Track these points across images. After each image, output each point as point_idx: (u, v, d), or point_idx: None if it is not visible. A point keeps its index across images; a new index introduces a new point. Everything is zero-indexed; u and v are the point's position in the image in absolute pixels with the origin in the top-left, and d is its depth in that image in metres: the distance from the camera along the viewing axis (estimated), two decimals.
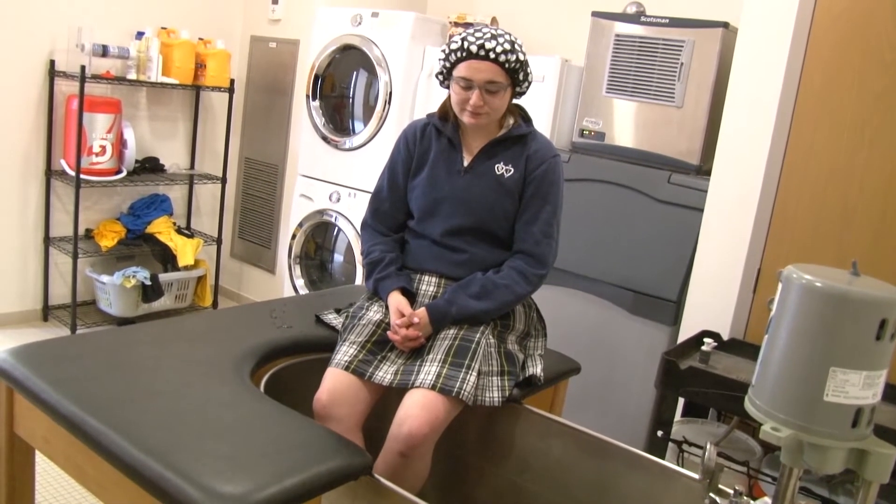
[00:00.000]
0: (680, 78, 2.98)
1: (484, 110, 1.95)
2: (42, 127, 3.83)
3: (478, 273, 2.01)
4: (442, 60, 1.99)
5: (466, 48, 1.91)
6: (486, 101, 1.93)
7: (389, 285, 2.02)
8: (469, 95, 1.94)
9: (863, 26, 2.47)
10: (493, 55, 1.90)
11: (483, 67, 1.91)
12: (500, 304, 1.98)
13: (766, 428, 1.25)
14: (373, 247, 2.12)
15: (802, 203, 2.61)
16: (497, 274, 2.00)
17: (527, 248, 2.02)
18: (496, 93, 1.94)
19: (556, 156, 2.06)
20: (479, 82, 1.92)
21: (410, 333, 1.93)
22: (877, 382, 1.22)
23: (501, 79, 1.93)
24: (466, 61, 1.92)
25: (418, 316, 1.94)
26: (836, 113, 2.53)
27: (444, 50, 1.98)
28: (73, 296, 3.88)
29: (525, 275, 2.00)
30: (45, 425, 1.63)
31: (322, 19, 3.96)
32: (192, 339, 1.97)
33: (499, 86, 1.94)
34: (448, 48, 1.96)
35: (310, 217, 4.05)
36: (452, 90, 1.98)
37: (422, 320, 1.94)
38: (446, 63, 1.98)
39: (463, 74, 1.93)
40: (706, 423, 2.62)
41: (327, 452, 1.48)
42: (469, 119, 1.98)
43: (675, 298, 2.82)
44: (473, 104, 1.93)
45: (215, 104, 4.51)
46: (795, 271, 1.26)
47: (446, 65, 1.98)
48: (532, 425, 2.02)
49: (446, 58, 1.97)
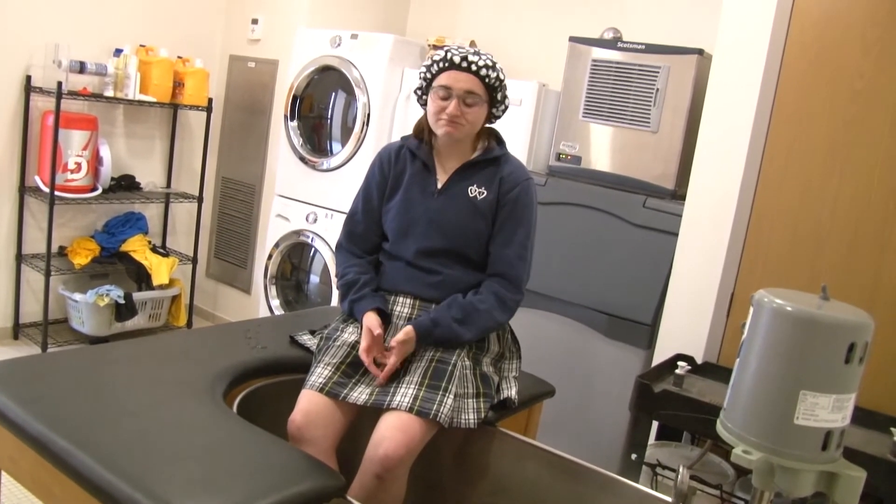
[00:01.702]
0: (655, 103, 3.02)
1: (460, 121, 1.97)
2: (17, 142, 3.80)
3: (458, 295, 2.01)
4: (423, 73, 2.03)
5: (449, 59, 1.96)
6: (462, 112, 1.96)
7: (365, 306, 2.02)
8: (445, 105, 1.97)
9: (833, 55, 2.52)
10: (475, 67, 1.95)
11: (463, 77, 1.95)
12: (479, 331, 1.99)
13: (737, 451, 1.26)
14: (347, 268, 2.12)
15: (776, 228, 2.64)
16: (476, 297, 2.00)
17: (503, 271, 2.03)
18: (473, 105, 1.97)
19: (529, 178, 2.08)
20: (458, 91, 1.95)
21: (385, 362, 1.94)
22: (846, 406, 1.23)
23: (480, 91, 1.97)
24: (448, 71, 1.97)
25: (405, 332, 1.93)
26: (808, 139, 2.58)
27: (426, 63, 2.02)
28: (44, 314, 3.83)
29: (504, 301, 2.01)
30: (11, 445, 1.60)
31: (301, 40, 3.97)
32: (165, 358, 1.95)
33: (476, 98, 1.96)
34: (430, 60, 2.00)
35: (286, 237, 4.04)
36: (430, 100, 2.01)
37: (408, 336, 1.92)
38: (427, 74, 2.01)
39: (443, 83, 1.96)
40: (680, 447, 2.63)
41: (300, 474, 1.47)
42: (444, 129, 1.99)
43: (650, 322, 2.84)
44: (450, 112, 1.96)
45: (193, 123, 4.49)
46: (766, 295, 1.28)
47: (427, 75, 2.02)
48: (506, 448, 2.02)
49: (428, 69, 2.01)
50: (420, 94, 2.07)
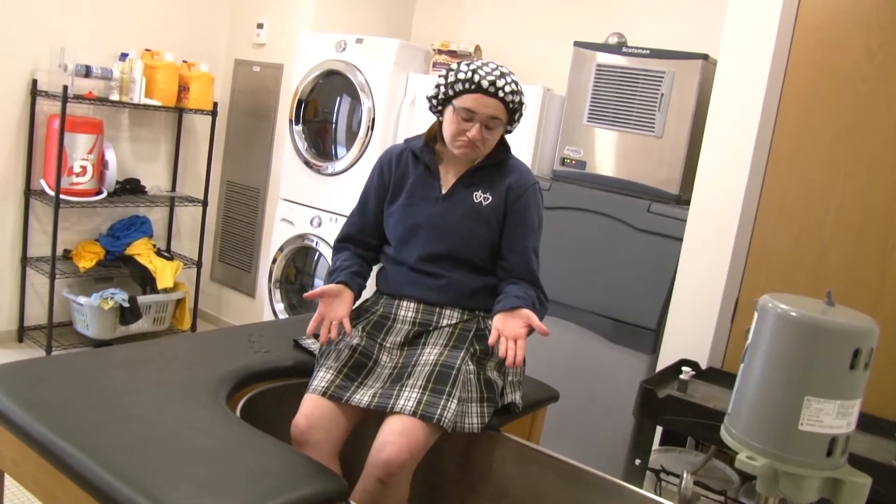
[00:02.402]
0: (660, 108, 3.02)
1: (479, 144, 1.96)
2: (22, 146, 3.81)
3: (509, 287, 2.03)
4: (443, 87, 1.97)
5: (477, 81, 1.91)
6: (484, 136, 1.95)
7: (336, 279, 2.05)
8: (467, 127, 1.94)
9: (837, 60, 2.52)
10: (502, 94, 1.92)
11: (490, 104, 1.92)
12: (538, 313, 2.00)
13: (741, 457, 1.26)
14: (335, 259, 2.16)
15: (780, 233, 2.64)
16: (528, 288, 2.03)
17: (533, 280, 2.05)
18: (493, 129, 1.96)
19: (535, 183, 2.09)
20: (482, 117, 1.92)
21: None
22: (851, 412, 1.23)
23: (503, 116, 1.95)
24: (474, 94, 1.92)
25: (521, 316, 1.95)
26: (812, 144, 2.57)
27: (448, 77, 1.96)
28: (49, 317, 3.84)
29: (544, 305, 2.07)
30: (15, 448, 1.60)
31: (306, 44, 3.98)
32: (169, 362, 1.95)
33: (498, 123, 1.96)
34: (453, 77, 1.95)
35: (290, 241, 4.04)
36: (450, 119, 1.97)
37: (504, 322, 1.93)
38: (449, 91, 1.96)
39: (468, 106, 1.92)
40: (684, 452, 2.63)
41: (302, 478, 1.47)
42: (462, 150, 1.98)
43: (654, 327, 2.83)
44: (472, 136, 1.93)
45: (198, 127, 4.50)
46: (771, 300, 1.27)
47: (449, 93, 1.96)
48: (510, 453, 2.01)
49: (450, 86, 1.95)
50: (436, 104, 2.02)
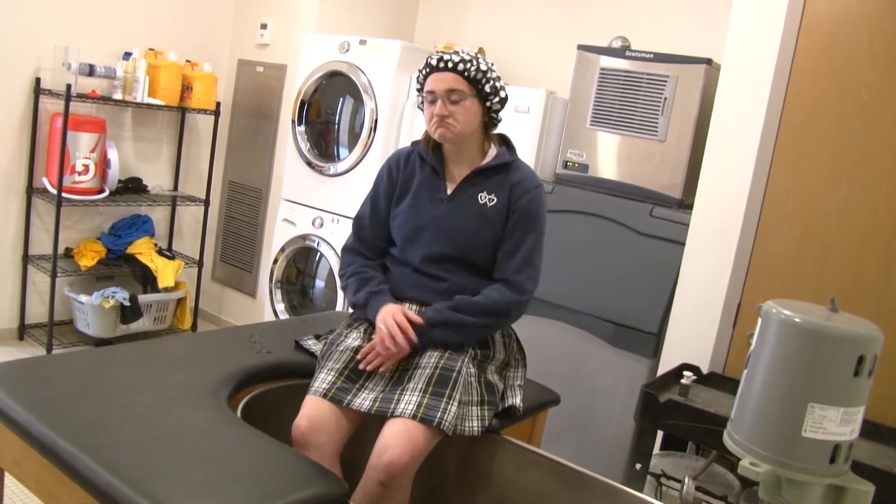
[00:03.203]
0: (663, 112, 3.01)
1: (449, 120, 1.98)
2: (25, 144, 3.81)
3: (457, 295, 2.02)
4: (417, 85, 2.08)
5: (428, 63, 2.02)
6: (450, 111, 1.97)
7: (386, 299, 2.02)
8: (434, 108, 1.99)
9: (841, 66, 2.51)
10: (451, 64, 1.98)
11: (442, 77, 1.98)
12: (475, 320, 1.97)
13: (744, 463, 1.25)
14: (361, 268, 2.13)
15: (783, 238, 2.63)
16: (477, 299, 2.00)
17: (506, 276, 2.02)
18: (458, 102, 1.97)
19: (540, 186, 2.08)
20: (440, 92, 1.97)
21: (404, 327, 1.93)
22: (854, 419, 1.23)
23: (462, 87, 1.97)
24: (430, 75, 2.01)
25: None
26: (816, 150, 2.57)
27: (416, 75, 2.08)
28: (50, 315, 3.83)
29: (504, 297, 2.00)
30: (15, 447, 1.60)
31: (310, 45, 3.98)
32: (170, 362, 1.95)
33: (460, 94, 1.97)
34: (417, 72, 2.07)
35: (292, 242, 4.04)
36: (425, 109, 2.05)
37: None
38: (418, 85, 2.06)
39: (428, 87, 2.01)
40: (685, 457, 2.62)
41: (303, 480, 1.46)
42: (437, 132, 2.00)
43: (656, 331, 2.83)
44: (437, 112, 1.98)
45: (200, 126, 4.50)
46: (775, 306, 1.27)
47: (418, 87, 2.07)
48: (510, 456, 2.01)
49: (418, 80, 2.06)
50: (420, 102, 2.09)
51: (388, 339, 1.91)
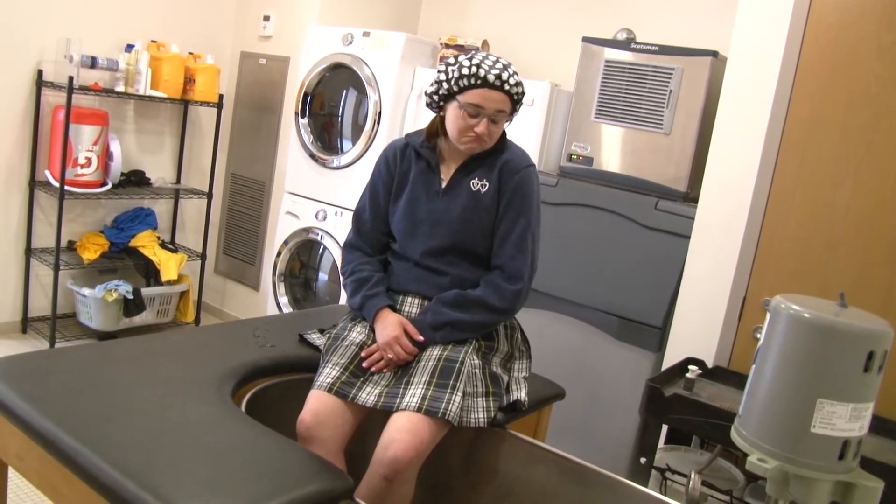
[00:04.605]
0: (668, 105, 3.00)
1: (485, 138, 1.95)
2: (27, 137, 3.80)
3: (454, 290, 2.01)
4: (445, 83, 1.94)
5: (483, 76, 1.88)
6: (490, 130, 1.94)
7: (379, 302, 2.01)
8: (474, 123, 1.92)
9: (849, 59, 2.49)
10: (507, 86, 1.90)
11: (496, 97, 1.90)
12: (474, 316, 1.96)
13: (752, 459, 1.24)
14: (359, 266, 2.11)
15: (788, 232, 2.62)
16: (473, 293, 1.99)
17: (501, 264, 2.01)
18: (499, 122, 1.95)
19: (530, 165, 2.04)
20: (489, 111, 1.91)
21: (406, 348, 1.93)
22: (864, 415, 1.22)
23: (508, 108, 1.94)
24: (480, 89, 1.89)
25: None
26: (822, 143, 2.55)
27: (449, 73, 1.92)
28: (53, 308, 3.83)
29: (500, 289, 1.98)
30: (18, 441, 1.60)
31: (313, 37, 3.96)
32: (173, 356, 1.95)
33: (503, 115, 1.94)
34: (456, 72, 1.91)
35: (295, 235, 4.03)
36: (455, 115, 1.93)
37: None
38: (453, 87, 1.92)
39: (475, 101, 1.90)
40: (689, 451, 2.62)
41: (307, 475, 1.46)
42: (469, 146, 1.97)
43: (661, 325, 2.82)
44: (481, 132, 1.92)
45: (203, 119, 4.49)
46: (783, 301, 1.26)
47: (453, 89, 1.92)
48: (515, 450, 2.00)
49: (454, 81, 1.91)
50: (437, 100, 1.99)
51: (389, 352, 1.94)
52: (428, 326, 1.95)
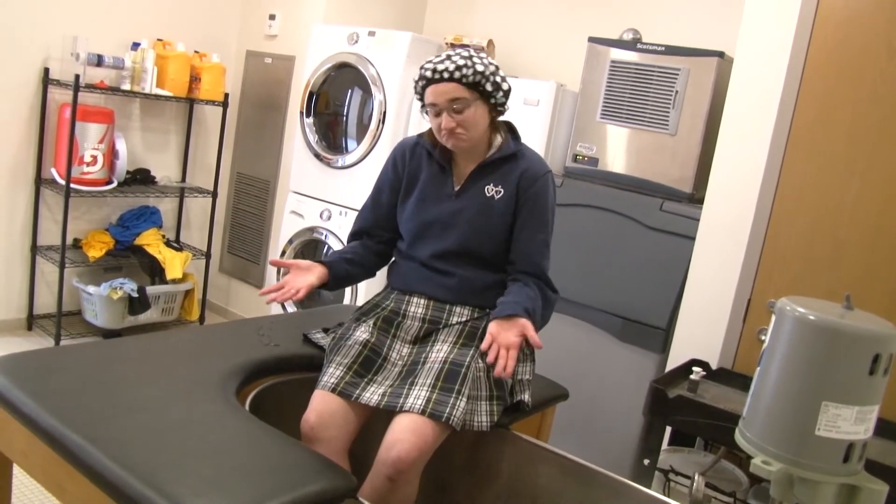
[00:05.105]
0: (674, 106, 2.99)
1: (458, 130, 1.95)
2: (33, 135, 3.81)
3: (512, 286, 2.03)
4: (416, 94, 2.03)
5: (424, 75, 1.96)
6: (457, 120, 1.94)
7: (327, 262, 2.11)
8: (439, 120, 1.96)
9: (856, 60, 2.48)
10: (447, 74, 1.92)
11: (442, 89, 1.93)
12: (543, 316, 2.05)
13: (756, 461, 1.24)
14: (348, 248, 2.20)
15: (794, 234, 2.61)
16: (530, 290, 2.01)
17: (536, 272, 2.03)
18: (463, 110, 1.94)
19: (548, 172, 2.06)
20: (442, 104, 1.94)
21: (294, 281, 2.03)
22: (869, 417, 1.21)
23: (464, 94, 1.93)
24: (428, 87, 1.95)
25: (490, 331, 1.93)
26: (829, 145, 2.55)
27: (415, 85, 2.01)
28: (58, 306, 3.84)
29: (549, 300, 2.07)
30: (23, 438, 1.60)
31: (318, 36, 3.96)
32: (178, 354, 1.95)
33: (464, 102, 1.93)
34: (415, 81, 2.00)
35: (300, 234, 4.03)
36: (429, 119, 2.01)
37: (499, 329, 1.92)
38: (417, 96, 2.02)
39: (429, 100, 1.96)
40: (693, 453, 2.61)
41: (311, 475, 1.46)
42: (450, 143, 1.99)
43: (665, 326, 2.81)
44: (444, 126, 1.95)
45: (208, 118, 4.50)
46: (789, 303, 1.25)
47: (419, 97, 2.02)
48: (519, 451, 2.00)
49: (416, 90, 2.01)
50: (421, 109, 2.06)
51: None
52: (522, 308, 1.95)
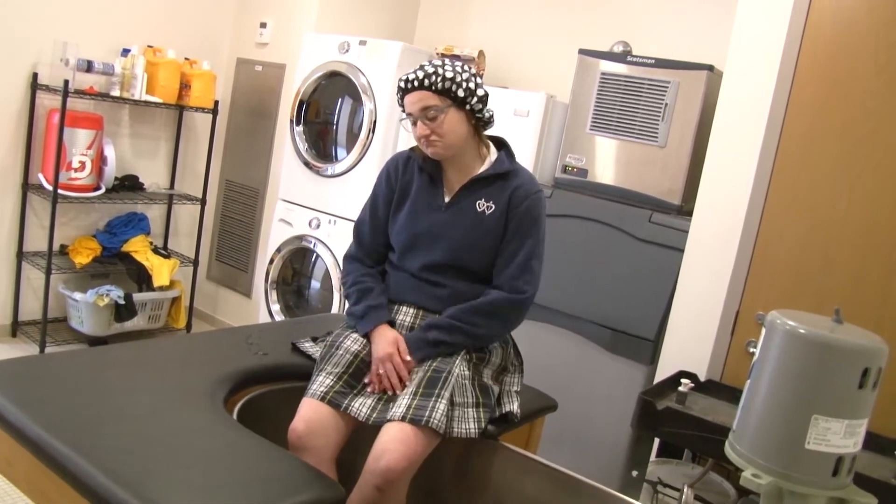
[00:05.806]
0: (664, 118, 3.01)
1: (433, 138, 1.97)
2: (21, 140, 3.79)
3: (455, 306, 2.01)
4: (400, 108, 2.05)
5: (399, 86, 2.00)
6: (430, 128, 1.96)
7: (382, 316, 2.02)
8: (415, 129, 1.99)
9: (845, 75, 2.51)
10: (417, 83, 1.95)
11: (414, 98, 1.96)
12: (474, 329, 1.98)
13: (746, 474, 1.24)
14: (361, 277, 2.12)
15: (783, 246, 2.63)
16: (472, 303, 1.99)
17: (502, 283, 2.02)
18: (436, 118, 1.95)
19: (539, 191, 2.07)
20: (416, 113, 1.96)
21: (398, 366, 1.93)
22: (858, 431, 1.22)
23: (434, 101, 1.95)
24: (404, 98, 1.99)
25: None
26: (818, 158, 2.56)
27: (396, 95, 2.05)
28: (44, 312, 3.81)
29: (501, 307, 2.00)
30: (7, 446, 1.58)
31: (309, 45, 3.96)
32: (165, 363, 1.94)
33: (435, 109, 1.95)
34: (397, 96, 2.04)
35: (288, 242, 4.02)
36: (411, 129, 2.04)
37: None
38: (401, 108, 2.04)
39: (405, 111, 2.00)
40: (681, 464, 2.61)
41: (299, 485, 1.45)
42: (429, 151, 2.01)
43: (653, 338, 2.82)
44: (419, 135, 1.98)
45: (198, 125, 4.48)
46: (779, 317, 1.26)
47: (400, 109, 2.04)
48: (507, 462, 1.99)
49: (399, 102, 2.04)
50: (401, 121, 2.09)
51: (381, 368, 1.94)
52: (429, 341, 1.95)
